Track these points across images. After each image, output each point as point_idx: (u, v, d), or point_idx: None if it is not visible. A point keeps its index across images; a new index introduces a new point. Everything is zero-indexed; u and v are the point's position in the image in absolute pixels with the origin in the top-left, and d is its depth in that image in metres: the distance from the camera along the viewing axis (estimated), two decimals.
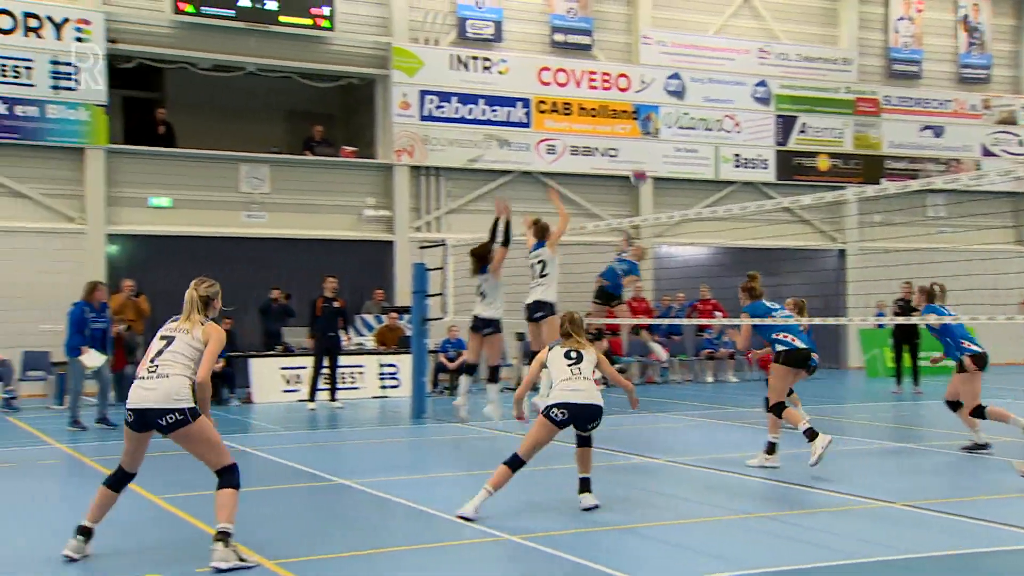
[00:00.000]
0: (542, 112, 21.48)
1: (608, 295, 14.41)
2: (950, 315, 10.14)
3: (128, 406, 5.90)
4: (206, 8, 18.59)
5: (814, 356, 9.27)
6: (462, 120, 20.73)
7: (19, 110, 17.34)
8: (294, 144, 21.04)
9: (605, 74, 22.10)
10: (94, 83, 17.80)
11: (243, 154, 19.48)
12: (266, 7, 18.98)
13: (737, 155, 23.35)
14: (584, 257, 16.12)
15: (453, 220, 20.84)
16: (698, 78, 22.91)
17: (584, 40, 22.03)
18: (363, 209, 20.23)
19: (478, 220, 20.62)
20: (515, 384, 18.64)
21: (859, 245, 23.59)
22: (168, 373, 5.83)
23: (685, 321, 18.73)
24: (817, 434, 8.61)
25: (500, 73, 21.09)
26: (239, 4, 18.78)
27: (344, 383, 16.36)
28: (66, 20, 17.68)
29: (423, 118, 20.42)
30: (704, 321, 18.67)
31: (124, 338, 16.15)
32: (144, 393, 5.82)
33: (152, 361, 5.91)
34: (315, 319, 15.26)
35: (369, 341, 17.92)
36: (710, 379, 20.32)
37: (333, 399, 15.13)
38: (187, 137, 19.59)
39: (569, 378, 7.08)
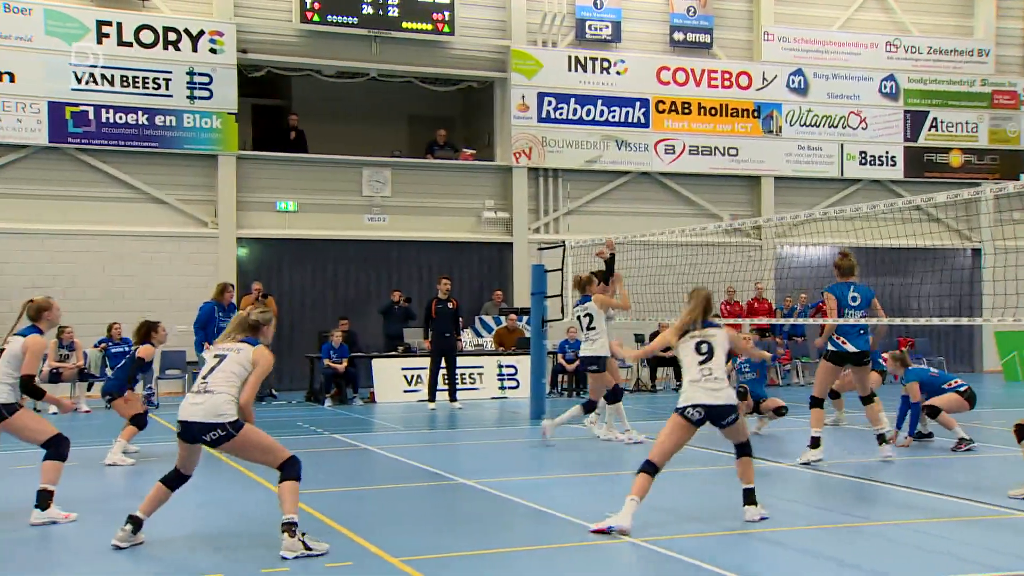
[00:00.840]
0: (661, 112, 21.29)
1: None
2: (927, 371, 11.12)
3: (178, 418, 6.28)
4: (331, 16, 19.11)
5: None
6: (580, 121, 20.74)
7: (158, 120, 18.20)
8: (415, 147, 21.45)
9: (726, 72, 21.75)
10: (226, 92, 18.53)
11: (365, 158, 19.95)
12: (389, 14, 19.38)
13: (863, 152, 22.65)
14: (704, 257, 15.86)
15: (572, 221, 20.85)
16: (822, 74, 22.33)
17: (704, 38, 21.72)
18: (482, 211, 20.46)
19: (597, 221, 20.64)
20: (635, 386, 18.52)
21: (996, 244, 22.50)
22: (214, 390, 6.17)
23: (809, 321, 18.21)
24: (819, 446, 9.41)
25: (618, 73, 21.00)
26: (363, 12, 19.23)
27: (464, 384, 16.57)
28: (201, 32, 18.45)
29: (541, 120, 20.50)
30: (827, 321, 18.13)
31: None
32: (192, 408, 6.19)
33: (204, 378, 6.26)
34: (429, 320, 15.47)
35: (488, 342, 18.08)
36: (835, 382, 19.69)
37: (453, 399, 15.32)
38: (311, 142, 20.18)
39: (700, 379, 6.90)
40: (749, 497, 6.97)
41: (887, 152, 22.77)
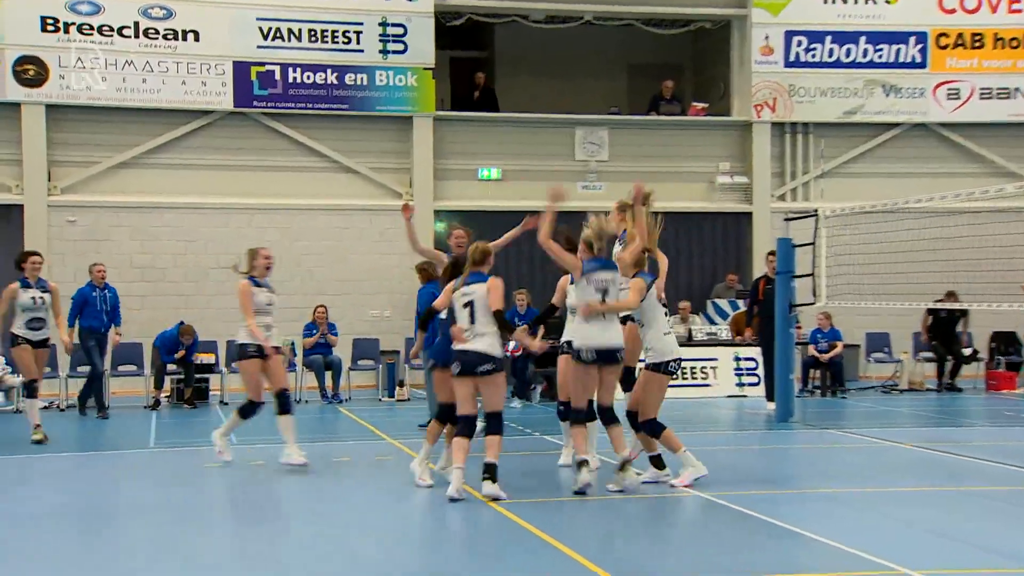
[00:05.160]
0: (942, 48, 20.26)
1: None
2: None
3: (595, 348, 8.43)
4: None
5: None
6: (837, 64, 20.11)
7: (348, 78, 18.97)
8: (636, 102, 21.36)
9: None
10: (422, 44, 19.06)
11: (579, 116, 20.08)
12: None
13: None
14: (997, 227, 14.98)
15: (826, 185, 20.21)
16: None
17: None
18: (716, 175, 20.19)
19: (857, 184, 19.94)
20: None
21: None
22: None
23: None
24: None
25: (887, 3, 20.13)
26: None
27: (693, 379, 16.55)
28: None
29: (789, 64, 20.00)
30: None
31: None
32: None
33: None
34: (756, 303, 15.08)
35: (724, 330, 17.82)
36: None
37: (771, 398, 14.85)
38: (517, 99, 20.47)
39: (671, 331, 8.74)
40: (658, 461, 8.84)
41: None
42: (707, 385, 16.81)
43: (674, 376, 8.83)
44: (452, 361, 8.46)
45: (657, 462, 8.81)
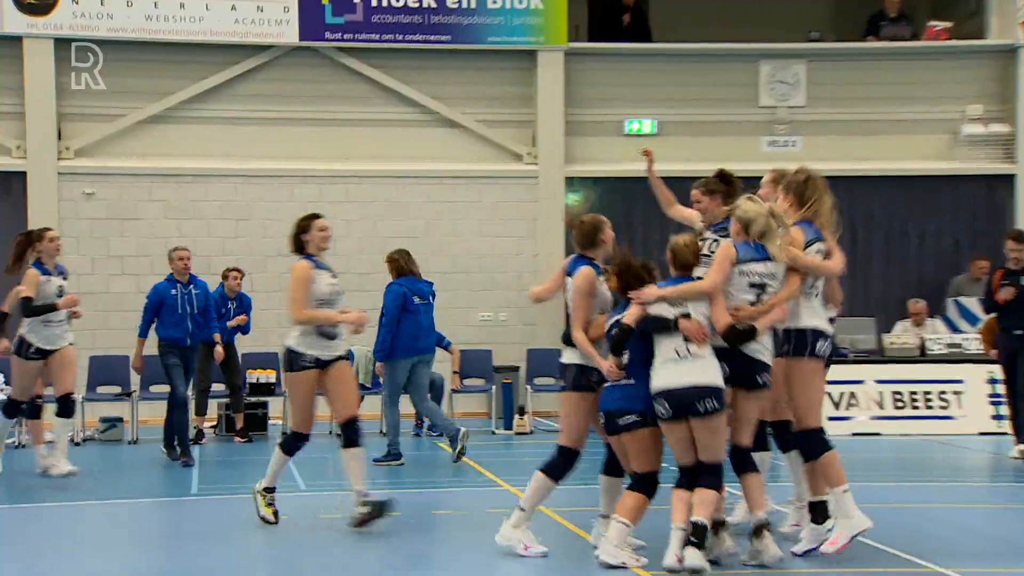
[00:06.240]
0: None
1: None
2: None
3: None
4: None
5: None
6: None
7: (450, 1, 18.92)
8: (846, 25, 21.13)
9: None
10: None
11: (765, 46, 19.89)
12: None
13: None
14: None
15: None
16: None
17: None
18: (961, 123, 19.84)
19: None
20: None
21: None
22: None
23: None
24: None
25: None
26: None
27: (928, 408, 16.49)
28: None
29: None
30: None
31: None
32: None
33: None
34: (993, 303, 14.69)
35: (971, 341, 17.27)
36: None
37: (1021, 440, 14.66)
38: (679, 26, 20.30)
39: None
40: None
41: None
42: (949, 418, 16.51)
43: (825, 360, 8.34)
44: (653, 409, 7.99)
45: (819, 511, 8.35)
